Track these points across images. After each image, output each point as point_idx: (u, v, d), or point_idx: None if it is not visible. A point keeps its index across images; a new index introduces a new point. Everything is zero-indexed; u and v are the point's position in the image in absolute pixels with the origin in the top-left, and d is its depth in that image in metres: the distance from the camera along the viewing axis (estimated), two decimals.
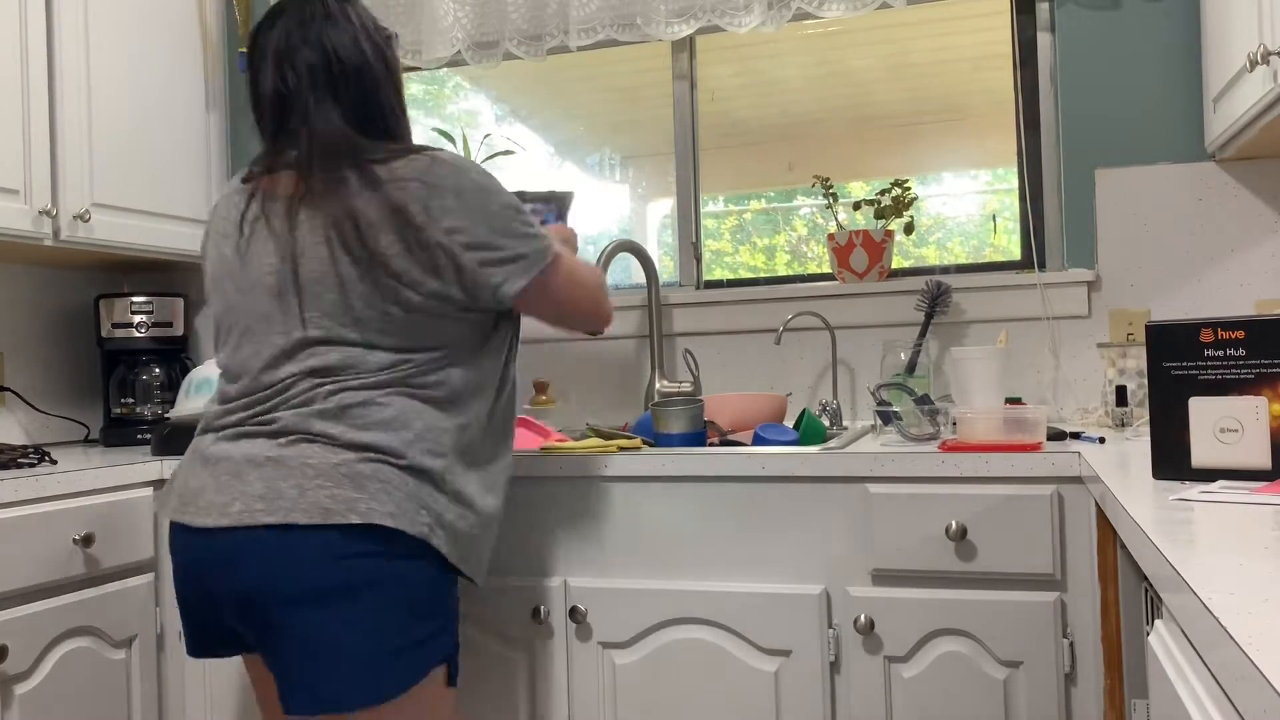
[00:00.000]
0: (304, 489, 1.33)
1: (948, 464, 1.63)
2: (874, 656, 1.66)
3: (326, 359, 1.40)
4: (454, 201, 1.40)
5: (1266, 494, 1.09)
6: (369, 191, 1.38)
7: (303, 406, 1.39)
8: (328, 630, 1.31)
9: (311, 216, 1.40)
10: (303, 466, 1.34)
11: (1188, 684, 0.79)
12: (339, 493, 1.33)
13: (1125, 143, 2.15)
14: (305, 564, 1.31)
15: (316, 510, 1.32)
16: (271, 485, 1.34)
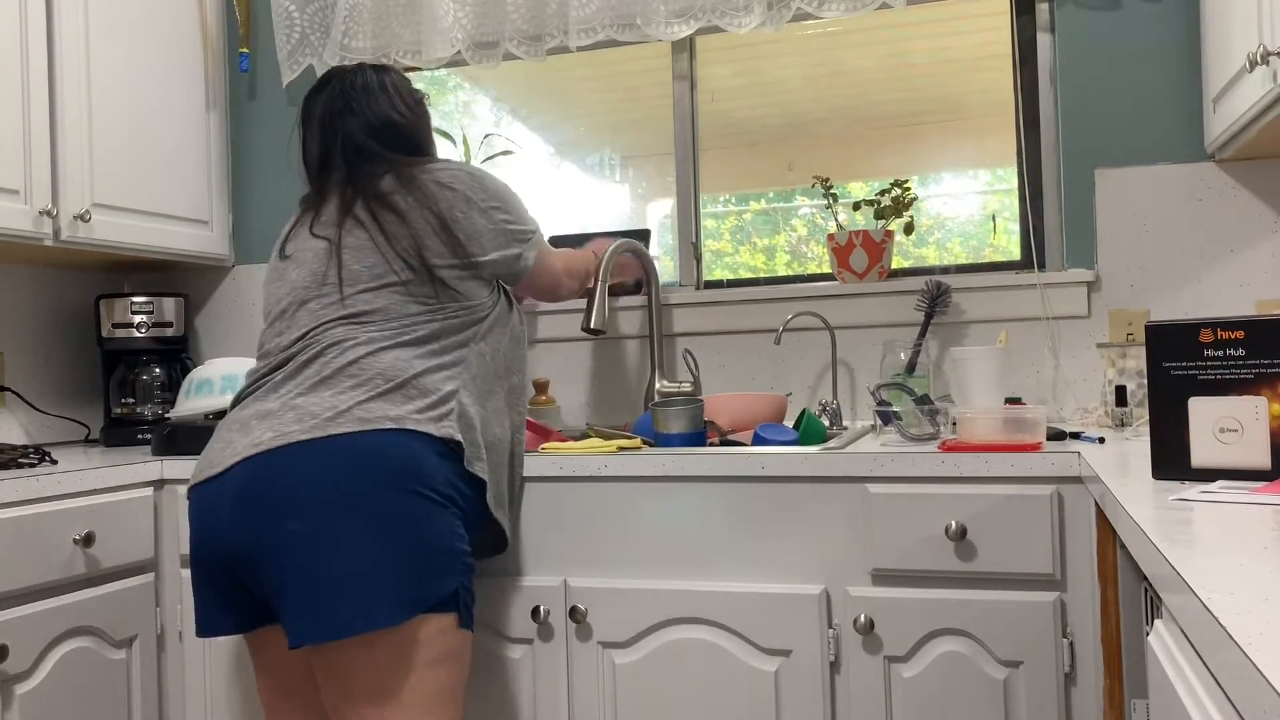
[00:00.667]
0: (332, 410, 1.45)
1: (948, 464, 1.63)
2: (874, 656, 1.66)
3: (346, 330, 1.53)
4: (485, 198, 1.65)
5: (1266, 494, 1.09)
6: (404, 185, 1.60)
7: (322, 358, 1.51)
8: (337, 555, 1.37)
9: (351, 215, 1.60)
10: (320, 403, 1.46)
11: (1188, 684, 0.79)
12: (373, 406, 1.45)
13: (1125, 143, 2.15)
14: (331, 480, 1.39)
15: (354, 421, 1.43)
16: (303, 413, 1.46)
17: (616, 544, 1.78)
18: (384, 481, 1.40)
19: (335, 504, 1.38)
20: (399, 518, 1.40)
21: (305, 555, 1.37)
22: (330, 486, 1.39)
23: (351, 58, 2.57)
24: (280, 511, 1.39)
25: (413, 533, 1.41)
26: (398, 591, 1.38)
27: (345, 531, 1.38)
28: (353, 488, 1.39)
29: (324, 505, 1.38)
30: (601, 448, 1.81)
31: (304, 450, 1.41)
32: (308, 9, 2.63)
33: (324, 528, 1.38)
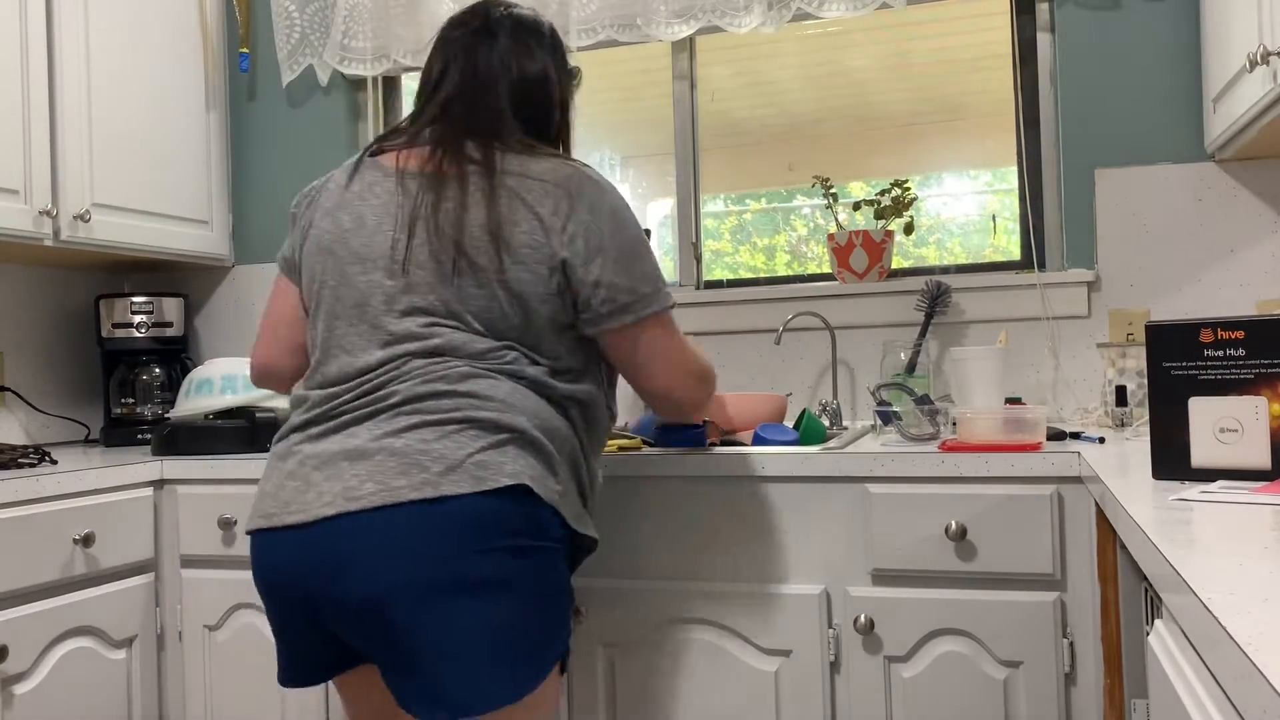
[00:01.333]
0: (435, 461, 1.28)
1: (948, 464, 1.63)
2: (874, 656, 1.66)
3: (444, 336, 1.34)
4: (586, 214, 1.38)
5: (1266, 494, 1.09)
6: (511, 181, 1.37)
7: (424, 381, 1.33)
8: (466, 627, 1.23)
9: (447, 191, 1.38)
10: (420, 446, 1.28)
11: (1188, 684, 0.79)
12: (485, 459, 1.28)
13: (1125, 143, 2.15)
14: (453, 548, 1.23)
15: (468, 478, 1.25)
16: (407, 461, 1.27)
17: (616, 544, 1.78)
18: (522, 557, 1.28)
19: (476, 580, 1.24)
20: (518, 577, 1.27)
21: (431, 630, 1.23)
22: (469, 560, 1.24)
23: (351, 58, 2.57)
24: (397, 580, 1.23)
25: (534, 591, 1.28)
26: (530, 658, 1.27)
27: (470, 603, 1.24)
28: (494, 570, 1.25)
29: (466, 582, 1.24)
30: None
31: (416, 512, 1.25)
32: (308, 9, 2.63)
33: (447, 599, 1.23)
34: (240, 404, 2.14)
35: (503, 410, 1.31)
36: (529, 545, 1.28)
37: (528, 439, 1.31)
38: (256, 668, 1.98)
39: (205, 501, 2.02)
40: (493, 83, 1.46)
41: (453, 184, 1.37)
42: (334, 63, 2.58)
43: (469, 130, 1.42)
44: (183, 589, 2.03)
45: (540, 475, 1.31)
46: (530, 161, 1.39)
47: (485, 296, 1.34)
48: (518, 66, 1.48)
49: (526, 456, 1.30)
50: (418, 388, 1.30)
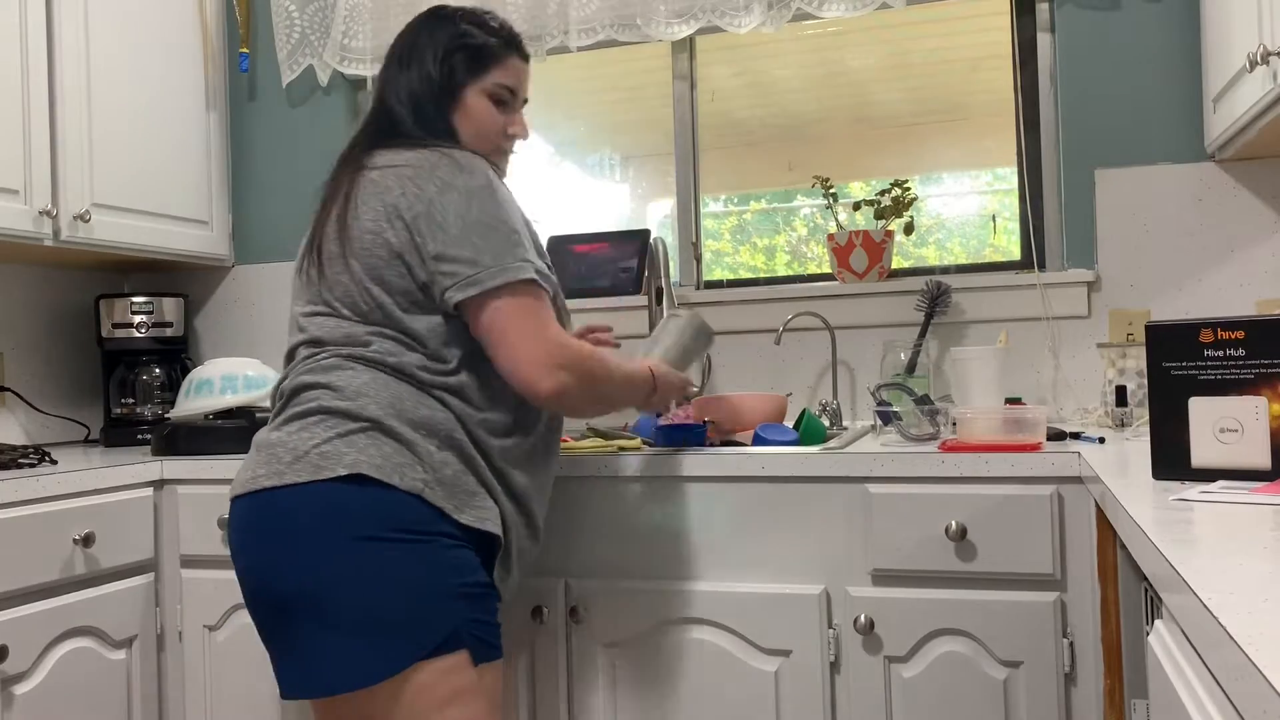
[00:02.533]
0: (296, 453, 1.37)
1: (948, 464, 1.63)
2: (874, 656, 1.66)
3: (320, 327, 1.46)
4: (434, 191, 1.41)
5: (1266, 494, 1.09)
6: (359, 173, 1.47)
7: (297, 374, 1.45)
8: (308, 607, 1.32)
9: (327, 200, 1.52)
10: (294, 437, 1.39)
11: (1188, 684, 0.79)
12: (329, 449, 1.36)
13: (1125, 143, 2.15)
14: (298, 536, 1.34)
15: (309, 467, 1.35)
16: (269, 453, 1.40)
17: (617, 544, 1.78)
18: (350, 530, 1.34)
19: (301, 561, 1.34)
20: (366, 568, 1.32)
21: (281, 614, 1.35)
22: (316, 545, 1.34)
23: (351, 58, 2.57)
24: (256, 565, 1.38)
25: (389, 580, 1.32)
26: (374, 648, 1.31)
27: (315, 591, 1.32)
28: (347, 551, 1.33)
29: (291, 563, 1.34)
30: (602, 448, 1.81)
31: (265, 499, 1.38)
32: (307, 9, 2.63)
33: (295, 586, 1.33)
34: (240, 404, 2.14)
35: (354, 399, 1.38)
36: (378, 535, 1.33)
37: (383, 428, 1.37)
38: (256, 668, 1.98)
39: (205, 501, 2.02)
40: (385, 95, 1.58)
41: (346, 187, 1.48)
42: (334, 63, 2.58)
43: (369, 138, 1.55)
44: (183, 589, 2.03)
45: (393, 465, 1.35)
46: (402, 152, 1.47)
47: (347, 283, 1.43)
48: (405, 78, 1.57)
49: (379, 445, 1.35)
50: (294, 380, 1.44)
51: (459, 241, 1.39)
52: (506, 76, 1.59)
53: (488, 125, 1.57)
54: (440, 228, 1.40)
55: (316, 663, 1.32)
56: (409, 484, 1.35)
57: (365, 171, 1.46)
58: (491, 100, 1.58)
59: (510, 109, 1.61)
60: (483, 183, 1.43)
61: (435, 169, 1.42)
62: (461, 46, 1.57)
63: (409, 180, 1.42)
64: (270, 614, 1.36)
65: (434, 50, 1.56)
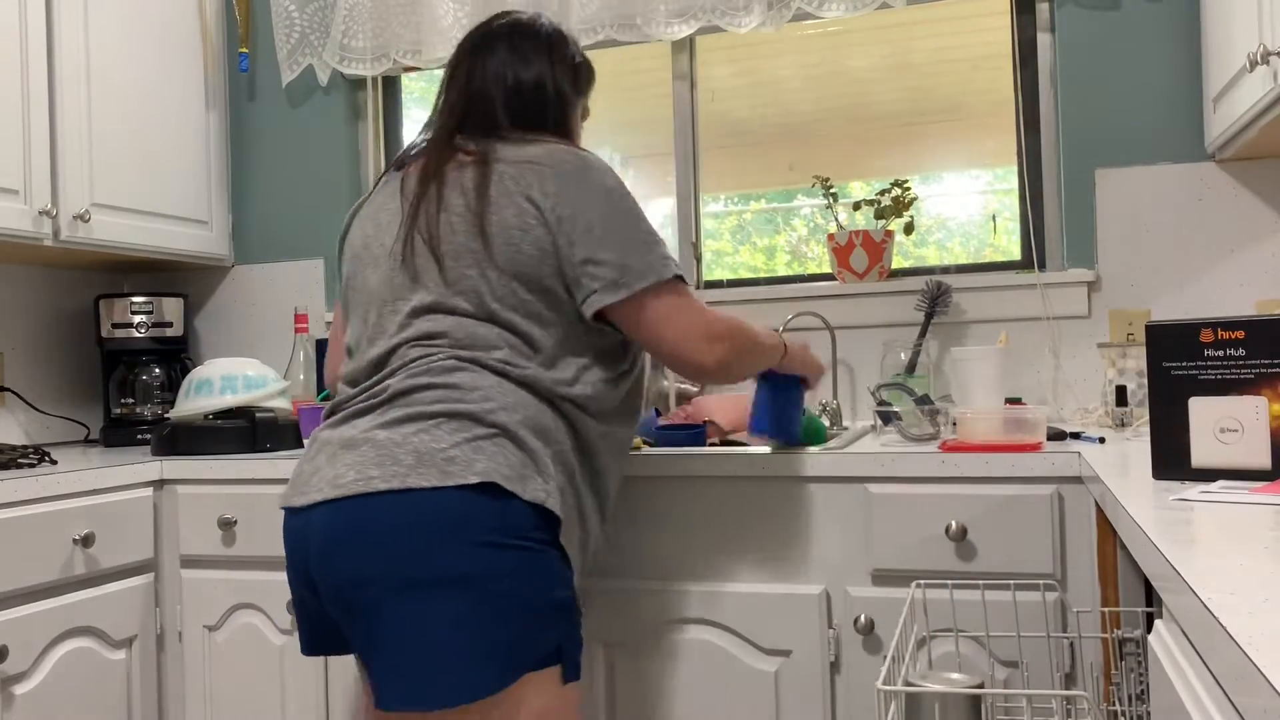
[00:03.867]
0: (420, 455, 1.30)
1: (948, 464, 1.63)
2: (874, 656, 1.66)
3: (436, 325, 1.38)
4: (574, 193, 1.39)
5: (1266, 494, 1.09)
6: (501, 165, 1.41)
7: (410, 375, 1.36)
8: (423, 621, 1.25)
9: (434, 187, 1.43)
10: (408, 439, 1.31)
11: (1188, 684, 0.79)
12: (456, 454, 1.29)
13: (1125, 143, 2.15)
14: (415, 543, 1.26)
15: (436, 472, 1.27)
16: (383, 453, 1.30)
17: (617, 544, 1.78)
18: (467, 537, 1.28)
19: (443, 578, 1.26)
20: (487, 575, 1.26)
21: (392, 621, 1.26)
22: (438, 557, 1.26)
23: (351, 58, 2.57)
24: (365, 570, 1.28)
25: (506, 590, 1.27)
26: (490, 660, 1.25)
27: (432, 598, 1.25)
28: (464, 566, 1.26)
29: (432, 579, 1.26)
30: None
31: (384, 502, 1.29)
32: (307, 9, 2.63)
33: (410, 592, 1.26)
34: (240, 404, 2.14)
35: (483, 403, 1.32)
36: (500, 542, 1.27)
37: (509, 434, 1.32)
38: (256, 668, 1.98)
39: (205, 501, 2.02)
40: (487, 93, 1.50)
41: (447, 175, 1.42)
42: (334, 62, 2.58)
43: (462, 128, 1.48)
44: (183, 589, 2.03)
45: (518, 475, 1.30)
46: (525, 147, 1.43)
47: (476, 280, 1.37)
48: (513, 75, 1.51)
49: (506, 454, 1.31)
50: (406, 381, 1.35)
51: (605, 243, 1.38)
52: (588, 101, 1.66)
53: (578, 141, 1.62)
54: (587, 230, 1.37)
55: (424, 674, 1.24)
56: (532, 494, 1.31)
57: (495, 164, 1.41)
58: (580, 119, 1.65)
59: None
60: (617, 183, 1.43)
61: (574, 168, 1.40)
62: (575, 61, 1.58)
63: (549, 178, 1.39)
64: (370, 622, 1.28)
65: (550, 55, 1.54)
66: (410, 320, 1.40)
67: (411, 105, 2.79)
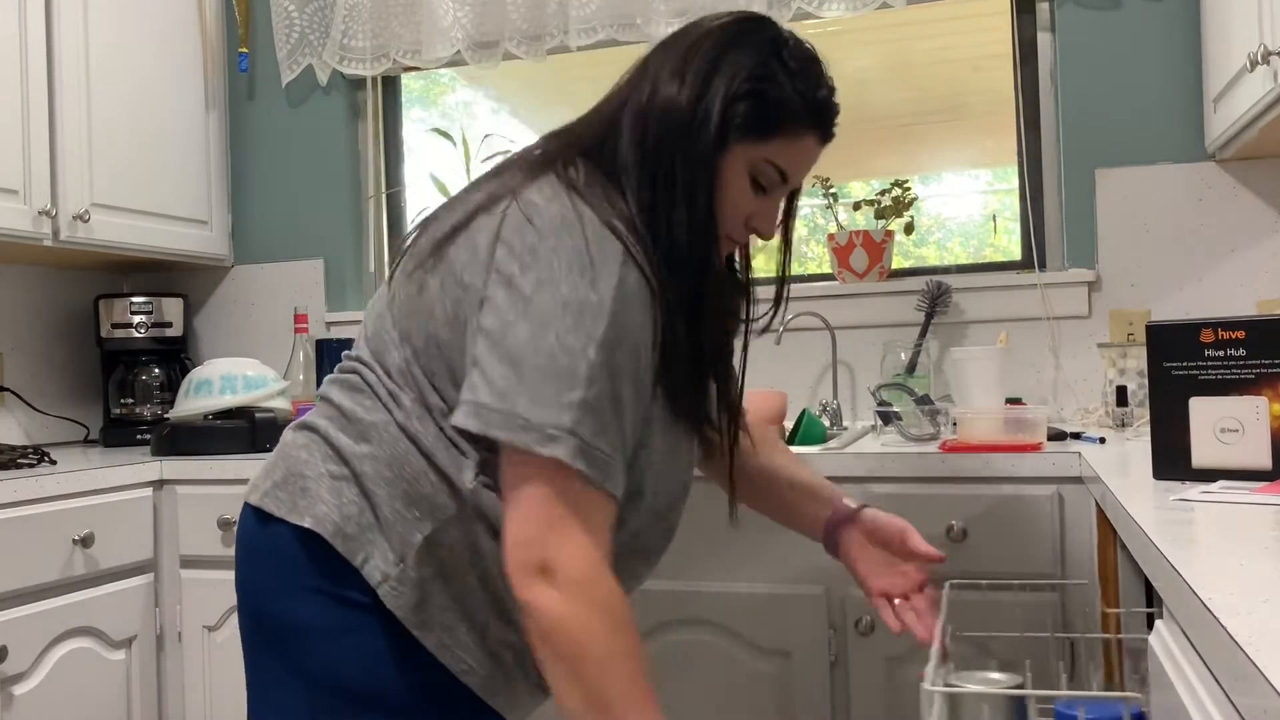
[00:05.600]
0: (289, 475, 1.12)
1: (948, 464, 1.63)
2: (874, 656, 1.66)
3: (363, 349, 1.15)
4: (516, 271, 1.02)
5: (1266, 494, 1.09)
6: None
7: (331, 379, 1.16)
8: (251, 674, 1.13)
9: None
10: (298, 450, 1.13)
11: (1188, 684, 0.79)
12: (311, 487, 1.10)
13: (1125, 143, 2.15)
14: (254, 575, 1.12)
15: (284, 503, 1.10)
16: (274, 459, 1.16)
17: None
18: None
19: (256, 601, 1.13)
20: (312, 630, 1.07)
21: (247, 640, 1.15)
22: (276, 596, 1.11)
23: (351, 58, 2.57)
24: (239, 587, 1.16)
25: (331, 652, 1.06)
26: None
27: (257, 644, 1.12)
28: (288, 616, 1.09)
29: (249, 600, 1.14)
30: None
31: (248, 516, 1.14)
32: (307, 9, 2.63)
33: (246, 627, 1.14)
34: (240, 404, 2.14)
35: (357, 439, 1.09)
36: (331, 592, 1.07)
37: (365, 484, 1.07)
38: None
39: (205, 502, 2.02)
40: (610, 105, 1.14)
41: (502, 187, 1.11)
42: (333, 62, 2.58)
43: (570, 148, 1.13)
44: (182, 589, 2.03)
45: (355, 535, 1.07)
46: (543, 205, 1.05)
47: (416, 313, 1.09)
48: (651, 88, 1.10)
49: (358, 503, 1.08)
50: (325, 389, 1.17)
51: (504, 359, 0.99)
52: (788, 156, 1.16)
53: (731, 206, 1.14)
54: (498, 330, 1.00)
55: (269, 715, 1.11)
56: (369, 571, 1.07)
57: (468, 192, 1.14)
58: (752, 177, 1.14)
59: (768, 195, 1.18)
60: (602, 297, 1.00)
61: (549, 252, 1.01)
62: (754, 92, 1.10)
63: (508, 240, 1.03)
64: (245, 641, 1.16)
65: (726, 75, 1.09)
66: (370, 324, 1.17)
67: (411, 105, 2.79)
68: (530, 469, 0.98)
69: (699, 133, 1.08)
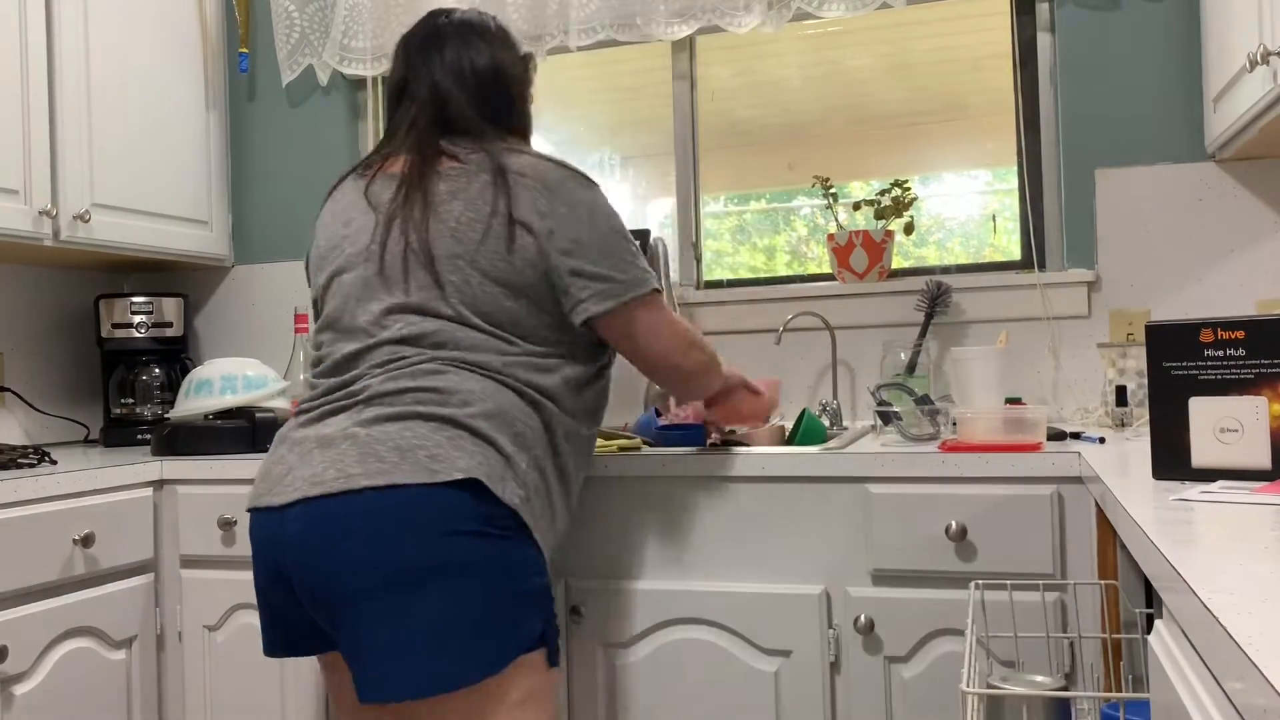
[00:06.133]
0: (402, 452, 1.32)
1: (948, 464, 1.63)
2: (874, 656, 1.66)
3: (416, 328, 1.41)
4: (564, 208, 1.45)
5: (1266, 494, 1.09)
6: (486, 175, 1.45)
7: (390, 376, 1.39)
8: (414, 612, 1.27)
9: (419, 192, 1.46)
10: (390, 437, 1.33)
11: (1188, 684, 0.79)
12: (439, 453, 1.32)
13: (1125, 143, 2.15)
14: (404, 535, 1.28)
15: (421, 469, 1.30)
16: (365, 451, 1.32)
17: (616, 544, 1.78)
18: (477, 543, 1.31)
19: (429, 569, 1.28)
20: (471, 563, 1.29)
21: (380, 614, 1.28)
22: (423, 549, 1.29)
23: (351, 58, 2.57)
24: (351, 565, 1.29)
25: (490, 576, 1.30)
26: (482, 644, 1.28)
27: (423, 588, 1.27)
28: (448, 557, 1.29)
29: (418, 572, 1.28)
30: (602, 448, 1.81)
31: (370, 499, 1.31)
32: (307, 9, 2.63)
33: (399, 585, 1.28)
34: (240, 404, 2.14)
35: (462, 407, 1.36)
36: (481, 530, 1.31)
37: (487, 438, 1.35)
38: (256, 668, 1.98)
39: (205, 501, 2.02)
40: (450, 86, 1.53)
41: (431, 182, 1.45)
42: (334, 62, 2.58)
43: (443, 133, 1.51)
44: (183, 589, 2.03)
45: (499, 475, 1.35)
46: (511, 157, 1.47)
47: (460, 285, 1.41)
48: (470, 65, 1.55)
49: (485, 455, 1.34)
50: (386, 383, 1.38)
51: (594, 258, 1.45)
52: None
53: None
54: (576, 243, 1.44)
55: (407, 664, 1.26)
56: (509, 497, 1.34)
57: (478, 171, 1.45)
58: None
59: None
60: (602, 198, 1.50)
61: (561, 180, 1.46)
62: (521, 52, 1.64)
63: (539, 190, 1.44)
64: (355, 618, 1.29)
65: (496, 47, 1.59)
66: (387, 321, 1.42)
67: None
68: (635, 312, 1.50)
69: (515, 81, 1.61)
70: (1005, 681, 1.13)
